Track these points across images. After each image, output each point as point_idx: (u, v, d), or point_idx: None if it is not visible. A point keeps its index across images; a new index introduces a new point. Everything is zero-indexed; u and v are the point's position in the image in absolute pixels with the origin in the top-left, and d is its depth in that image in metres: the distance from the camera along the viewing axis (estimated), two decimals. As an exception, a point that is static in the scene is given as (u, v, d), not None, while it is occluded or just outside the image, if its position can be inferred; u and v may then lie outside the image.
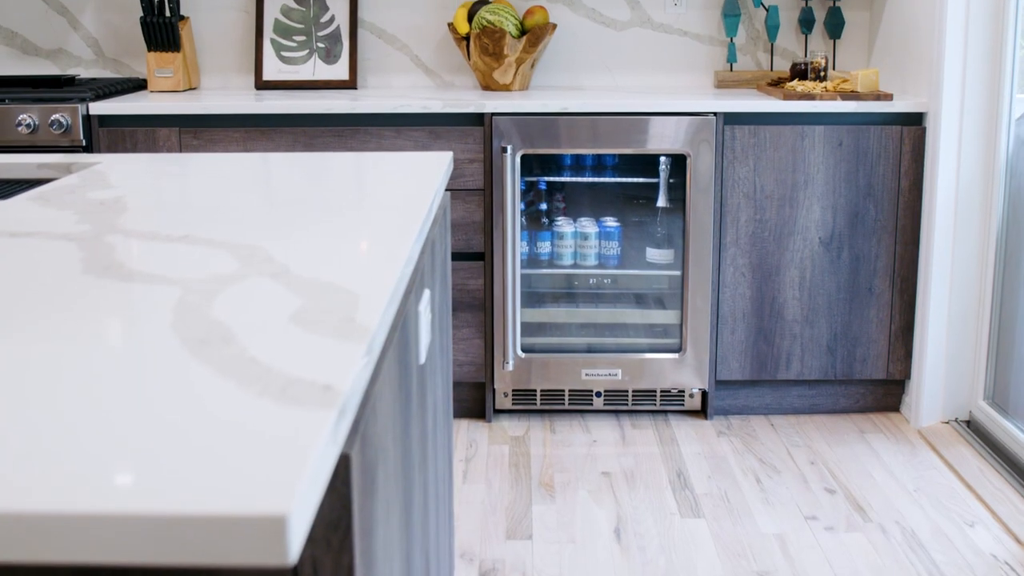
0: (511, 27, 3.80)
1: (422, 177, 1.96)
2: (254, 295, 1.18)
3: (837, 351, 3.67)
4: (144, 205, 1.72)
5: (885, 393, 3.78)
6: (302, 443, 0.79)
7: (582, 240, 3.79)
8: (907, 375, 3.70)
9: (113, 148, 3.50)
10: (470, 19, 3.89)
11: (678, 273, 3.69)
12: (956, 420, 3.64)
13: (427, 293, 1.66)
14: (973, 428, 3.58)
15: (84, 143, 3.49)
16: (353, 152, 2.77)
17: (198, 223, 1.57)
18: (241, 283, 1.23)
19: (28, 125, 3.46)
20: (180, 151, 3.50)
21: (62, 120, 3.45)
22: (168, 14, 3.94)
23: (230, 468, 0.75)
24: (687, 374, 3.67)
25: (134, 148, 3.49)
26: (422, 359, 1.59)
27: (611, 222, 3.81)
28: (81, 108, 3.48)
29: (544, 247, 3.83)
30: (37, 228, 1.53)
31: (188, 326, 1.07)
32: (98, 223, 1.56)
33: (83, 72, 4.18)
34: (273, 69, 4.04)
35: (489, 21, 3.79)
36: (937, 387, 3.62)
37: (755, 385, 3.76)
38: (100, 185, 1.90)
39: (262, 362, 0.96)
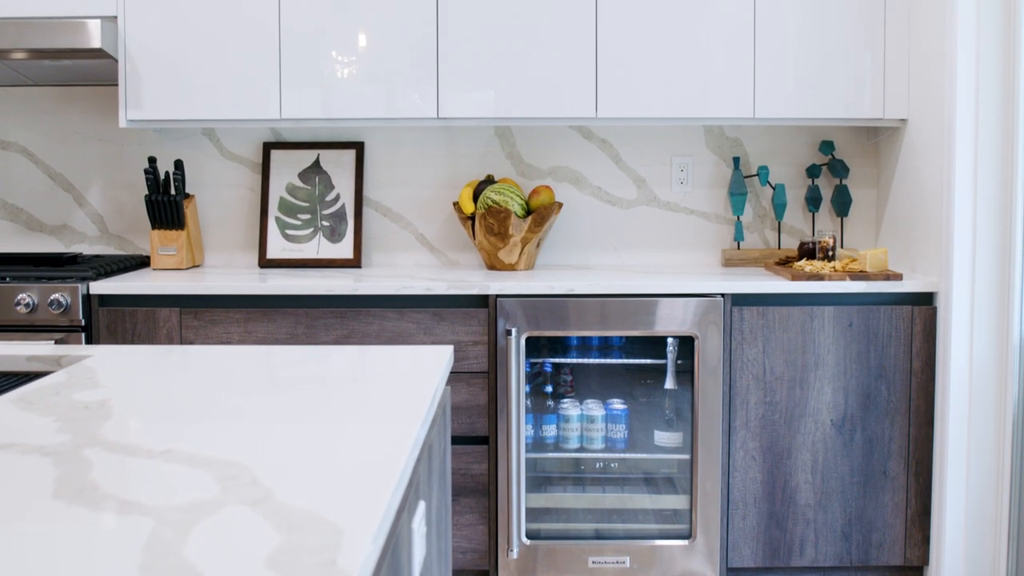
0: (516, 207, 3.79)
1: (421, 377, 1.90)
2: (231, 530, 1.10)
3: (852, 536, 3.54)
4: (130, 409, 1.65)
5: (904, 581, 3.65)
6: None
7: (588, 423, 3.70)
8: (925, 561, 3.57)
9: (112, 328, 3.45)
10: (475, 198, 3.88)
11: (687, 456, 3.60)
12: (979, 610, 3.50)
13: (422, 505, 1.58)
14: (997, 619, 3.43)
15: (83, 323, 3.44)
16: (354, 345, 2.72)
17: (184, 432, 1.50)
18: (220, 513, 1.15)
19: (27, 304, 3.42)
20: (180, 332, 3.45)
21: (61, 300, 3.41)
22: (173, 192, 3.94)
23: None
24: (698, 561, 3.54)
25: (133, 328, 3.44)
26: (416, 578, 1.50)
27: (618, 404, 3.73)
28: (81, 287, 3.44)
29: (550, 430, 3.74)
30: (14, 439, 1.47)
31: (156, 571, 0.99)
32: (79, 432, 1.49)
33: (87, 248, 4.16)
34: (277, 247, 4.03)
35: (495, 201, 3.78)
36: (957, 573, 3.49)
37: (768, 572, 3.63)
38: (88, 384, 1.84)
39: (231, 622, 0.88)
